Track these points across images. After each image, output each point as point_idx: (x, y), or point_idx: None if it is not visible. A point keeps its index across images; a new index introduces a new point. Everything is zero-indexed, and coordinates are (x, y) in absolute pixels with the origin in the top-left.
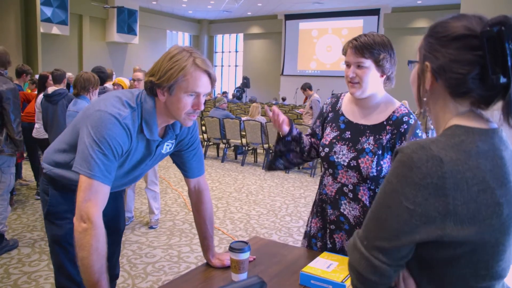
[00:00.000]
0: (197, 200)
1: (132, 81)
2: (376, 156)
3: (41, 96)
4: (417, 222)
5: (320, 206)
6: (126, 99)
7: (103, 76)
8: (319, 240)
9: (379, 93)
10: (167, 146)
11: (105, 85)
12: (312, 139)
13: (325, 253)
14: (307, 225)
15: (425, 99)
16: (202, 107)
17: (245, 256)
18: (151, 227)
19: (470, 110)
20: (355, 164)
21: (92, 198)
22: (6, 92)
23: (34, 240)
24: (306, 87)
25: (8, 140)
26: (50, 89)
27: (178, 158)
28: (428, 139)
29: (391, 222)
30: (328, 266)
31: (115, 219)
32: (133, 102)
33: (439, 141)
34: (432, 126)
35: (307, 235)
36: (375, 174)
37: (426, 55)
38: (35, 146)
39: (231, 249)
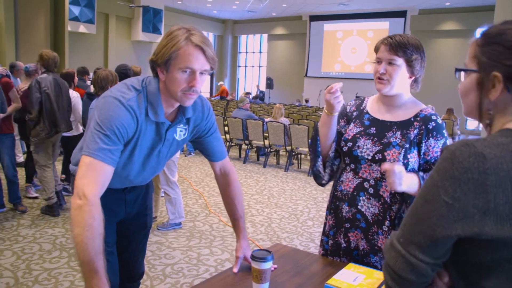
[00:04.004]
0: (224, 183)
1: None
2: (403, 149)
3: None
4: (454, 217)
5: (334, 204)
6: (131, 84)
7: (128, 73)
8: (330, 238)
9: (405, 94)
10: (181, 132)
11: None
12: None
13: (351, 265)
14: (322, 234)
15: (491, 112)
16: (198, 85)
17: (268, 265)
18: (157, 228)
19: None
20: (380, 157)
21: (90, 175)
22: None
23: (55, 237)
24: None
25: None
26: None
27: (199, 145)
28: (475, 138)
29: (427, 216)
30: (354, 279)
31: (142, 214)
32: (139, 86)
33: (485, 139)
34: (458, 132)
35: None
36: None
37: (490, 63)
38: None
39: (253, 257)
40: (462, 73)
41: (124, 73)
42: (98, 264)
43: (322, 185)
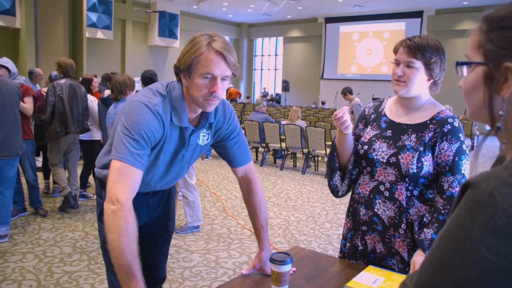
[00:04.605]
0: (246, 190)
1: None
2: (417, 153)
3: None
4: (502, 278)
5: (352, 206)
6: (157, 89)
7: (154, 78)
8: (348, 241)
9: (424, 96)
10: (204, 137)
11: None
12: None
13: (370, 267)
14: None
15: (501, 112)
16: (219, 91)
17: (287, 268)
18: (176, 231)
19: None
20: (394, 160)
21: (122, 180)
22: None
23: (76, 240)
24: (347, 91)
25: None
26: (106, 93)
27: (220, 149)
28: (510, 170)
29: (466, 276)
30: (374, 281)
31: (165, 218)
32: (163, 91)
33: None
34: (477, 132)
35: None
36: (414, 171)
37: (499, 52)
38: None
39: (272, 260)
40: (465, 68)
41: (150, 77)
42: (135, 268)
43: (339, 197)
